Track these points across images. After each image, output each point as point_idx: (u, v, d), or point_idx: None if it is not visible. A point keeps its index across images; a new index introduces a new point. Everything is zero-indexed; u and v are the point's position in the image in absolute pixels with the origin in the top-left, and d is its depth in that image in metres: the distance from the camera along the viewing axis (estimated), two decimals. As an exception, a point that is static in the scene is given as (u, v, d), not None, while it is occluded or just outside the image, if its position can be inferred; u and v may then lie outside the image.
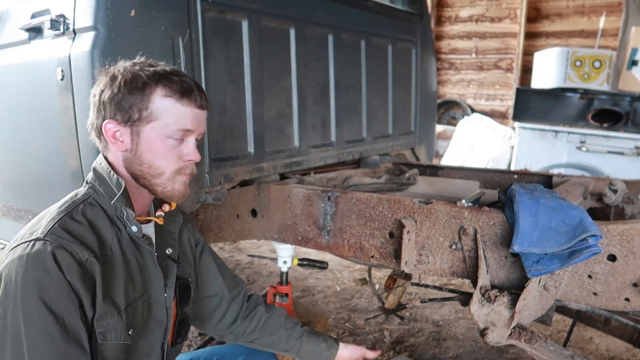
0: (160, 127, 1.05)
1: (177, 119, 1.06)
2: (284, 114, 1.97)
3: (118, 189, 1.06)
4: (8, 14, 1.70)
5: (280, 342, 1.46)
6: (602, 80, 4.21)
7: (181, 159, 1.09)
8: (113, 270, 1.04)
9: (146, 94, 1.04)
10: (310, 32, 2.03)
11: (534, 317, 1.34)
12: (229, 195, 1.81)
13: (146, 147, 1.06)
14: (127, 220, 1.07)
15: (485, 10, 6.89)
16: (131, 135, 1.06)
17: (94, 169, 1.11)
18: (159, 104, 1.04)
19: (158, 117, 1.05)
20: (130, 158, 1.08)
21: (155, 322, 1.15)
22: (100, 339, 1.00)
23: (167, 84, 1.05)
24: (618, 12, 5.69)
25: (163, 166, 1.08)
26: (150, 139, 1.06)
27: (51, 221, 0.99)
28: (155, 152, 1.06)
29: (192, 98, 1.07)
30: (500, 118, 6.66)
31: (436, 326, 2.76)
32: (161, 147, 1.07)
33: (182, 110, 1.06)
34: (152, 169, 1.07)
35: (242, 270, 3.61)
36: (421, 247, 1.46)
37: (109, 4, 1.37)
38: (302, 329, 1.50)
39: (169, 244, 1.22)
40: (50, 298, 0.92)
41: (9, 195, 1.82)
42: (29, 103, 1.61)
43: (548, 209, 1.24)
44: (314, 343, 1.48)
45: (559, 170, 4.06)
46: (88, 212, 1.04)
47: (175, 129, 1.06)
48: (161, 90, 1.04)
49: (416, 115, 2.85)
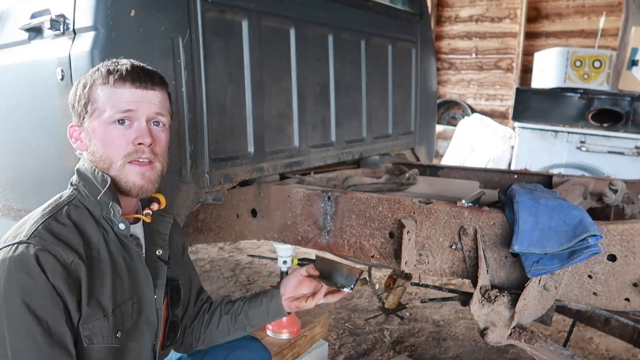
0: (101, 114, 1.05)
1: (114, 103, 1.04)
2: (284, 114, 1.97)
3: (103, 186, 1.04)
4: (8, 14, 1.70)
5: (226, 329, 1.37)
6: (602, 80, 4.21)
7: (130, 144, 1.06)
8: (100, 272, 1.02)
9: (89, 87, 1.06)
10: (310, 32, 2.03)
11: (534, 317, 1.34)
12: (229, 195, 1.81)
13: (94, 138, 1.06)
14: (114, 217, 1.05)
15: (485, 10, 6.89)
16: (85, 133, 1.07)
17: (77, 170, 1.09)
18: (98, 93, 1.05)
19: (99, 107, 1.05)
20: (89, 155, 1.08)
21: (146, 324, 1.13)
22: (86, 343, 0.98)
23: (104, 74, 1.05)
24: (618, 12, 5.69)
25: (110, 154, 1.05)
26: (96, 129, 1.05)
27: (35, 224, 0.97)
28: (101, 140, 1.05)
29: (127, 79, 1.05)
30: (500, 118, 6.66)
31: (436, 326, 2.76)
32: (104, 134, 1.05)
33: (119, 92, 1.05)
34: (102, 160, 1.06)
35: (242, 270, 3.61)
36: (421, 247, 1.46)
37: (109, 4, 1.37)
38: (242, 301, 1.39)
39: (159, 244, 1.20)
40: (33, 302, 0.90)
41: (9, 195, 1.82)
42: (29, 103, 1.61)
43: (548, 209, 1.24)
44: (257, 306, 1.37)
45: (559, 170, 4.06)
46: (73, 214, 1.03)
47: (112, 112, 1.04)
48: (99, 81, 1.05)
49: (416, 115, 2.85)
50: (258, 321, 1.38)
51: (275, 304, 1.37)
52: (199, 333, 1.37)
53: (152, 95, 1.08)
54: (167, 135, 1.13)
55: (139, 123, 1.06)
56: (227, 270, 3.62)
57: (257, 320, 1.38)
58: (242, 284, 3.35)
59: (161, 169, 1.12)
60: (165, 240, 1.23)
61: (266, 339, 2.03)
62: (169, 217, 1.27)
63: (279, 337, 2.05)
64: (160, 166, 1.11)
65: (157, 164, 1.10)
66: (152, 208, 1.19)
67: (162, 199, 1.21)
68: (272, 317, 1.39)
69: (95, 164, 1.06)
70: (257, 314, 1.37)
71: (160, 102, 1.10)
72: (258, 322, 1.38)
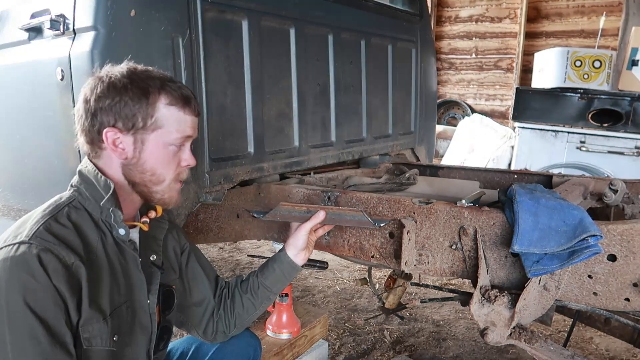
0: (164, 134, 1.07)
1: (179, 126, 1.08)
2: (284, 114, 1.97)
3: (106, 191, 1.05)
4: (8, 14, 1.70)
5: (252, 304, 1.40)
6: (602, 80, 4.21)
7: (179, 165, 1.12)
8: (99, 275, 1.02)
9: (150, 102, 1.05)
10: (310, 32, 2.03)
11: (534, 317, 1.34)
12: (229, 195, 1.81)
13: (149, 154, 1.07)
14: (115, 222, 1.05)
15: (485, 10, 6.89)
16: (134, 143, 1.06)
17: (79, 172, 1.09)
18: (163, 112, 1.06)
19: (162, 125, 1.06)
20: (131, 166, 1.08)
21: (140, 328, 1.13)
22: (86, 345, 0.98)
23: (169, 92, 1.07)
24: (618, 12, 5.69)
25: (165, 173, 1.10)
26: (154, 146, 1.07)
27: (36, 224, 0.97)
28: (158, 159, 1.08)
29: (192, 106, 1.10)
30: (500, 118, 6.66)
31: (436, 326, 2.76)
32: (164, 154, 1.09)
33: (184, 117, 1.09)
34: (155, 176, 1.09)
35: (242, 270, 3.61)
36: (421, 247, 1.46)
37: (109, 4, 1.37)
38: (253, 277, 1.42)
39: (154, 250, 1.21)
40: (35, 301, 0.90)
41: (9, 195, 1.82)
42: (29, 103, 1.61)
43: (548, 209, 1.24)
44: (271, 274, 1.40)
45: (559, 170, 4.05)
46: (73, 215, 1.03)
47: (178, 136, 1.09)
48: (165, 99, 1.06)
49: (416, 115, 2.85)
50: (278, 286, 1.42)
51: (287, 265, 1.41)
52: (228, 319, 1.40)
53: (197, 122, 1.16)
54: None
55: (187, 146, 1.13)
56: (227, 270, 3.63)
57: (277, 286, 1.42)
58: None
59: None
60: (159, 245, 1.24)
61: (266, 339, 2.03)
62: (164, 223, 1.28)
63: (279, 337, 2.05)
64: None
65: None
66: (149, 216, 1.20)
67: (158, 207, 1.22)
68: (290, 277, 1.43)
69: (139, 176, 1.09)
70: (274, 280, 1.41)
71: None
72: (278, 287, 1.43)
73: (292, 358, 2.08)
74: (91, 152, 1.10)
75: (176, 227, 1.37)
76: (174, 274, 1.32)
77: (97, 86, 1.05)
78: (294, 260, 1.40)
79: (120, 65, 1.09)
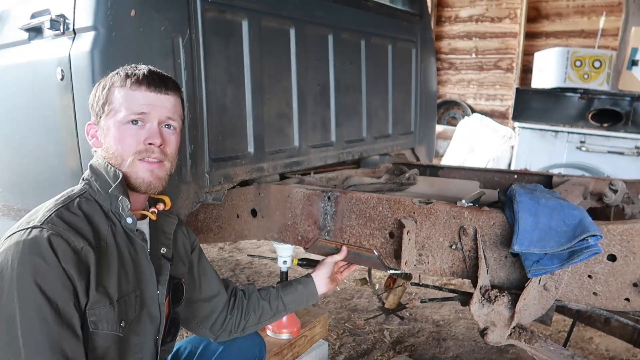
0: (117, 115, 1.11)
1: (130, 104, 1.11)
2: (284, 114, 1.97)
3: (115, 180, 1.09)
4: (8, 14, 1.70)
5: (266, 313, 1.51)
6: (602, 80, 4.21)
7: (141, 143, 1.12)
8: (107, 261, 1.06)
9: (109, 89, 1.12)
10: (310, 32, 2.03)
11: (534, 317, 1.34)
12: (229, 195, 1.81)
13: (109, 136, 1.12)
14: (123, 211, 1.10)
15: (485, 10, 6.89)
16: (101, 130, 1.14)
17: (90, 165, 1.15)
18: (115, 95, 1.11)
19: (116, 108, 1.11)
20: (104, 153, 1.13)
21: (149, 318, 1.16)
22: (92, 328, 1.01)
23: (122, 77, 1.12)
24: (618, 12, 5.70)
25: (122, 151, 1.11)
26: (111, 127, 1.12)
27: (48, 212, 1.02)
28: (114, 138, 1.11)
29: (143, 82, 1.12)
30: (500, 118, 6.66)
31: (436, 326, 2.76)
32: (119, 132, 1.11)
33: (134, 95, 1.11)
34: (115, 155, 1.12)
35: (242, 270, 3.61)
36: (421, 247, 1.46)
37: (109, 4, 1.37)
38: (275, 288, 1.55)
39: (164, 243, 1.25)
40: (45, 283, 0.94)
41: (9, 195, 1.82)
42: (29, 103, 1.61)
43: (548, 209, 1.24)
44: (292, 292, 1.55)
45: (559, 170, 4.06)
46: (84, 205, 1.08)
47: (128, 113, 1.11)
48: (117, 83, 1.12)
49: (416, 115, 2.85)
50: (293, 305, 1.55)
51: (310, 289, 1.57)
52: (239, 319, 1.47)
53: (165, 100, 1.15)
54: (178, 138, 1.20)
55: (150, 124, 1.13)
56: (227, 270, 3.63)
57: (292, 305, 1.55)
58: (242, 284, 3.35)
59: (170, 168, 1.19)
60: (169, 239, 1.27)
61: (266, 339, 2.03)
62: (174, 218, 1.32)
63: (279, 337, 2.05)
64: (170, 165, 1.18)
65: (167, 163, 1.17)
66: (157, 207, 1.24)
67: (167, 200, 1.26)
68: (307, 301, 1.58)
69: (108, 160, 1.12)
70: (293, 299, 1.54)
71: (172, 107, 1.16)
72: (293, 306, 1.56)
73: (292, 358, 2.08)
74: (92, 148, 1.19)
75: (184, 224, 1.42)
76: (183, 268, 1.35)
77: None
78: (318, 285, 1.58)
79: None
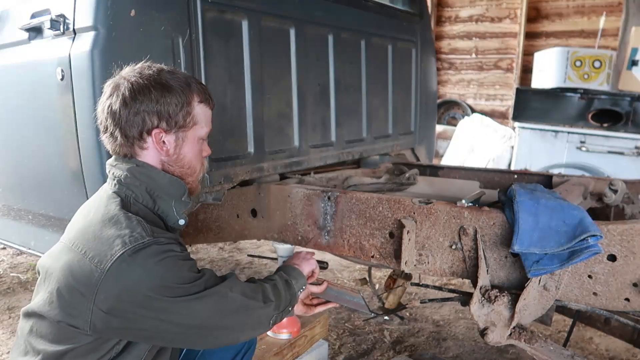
0: (198, 130, 1.17)
1: (207, 121, 1.19)
2: (284, 114, 1.97)
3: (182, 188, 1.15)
4: (8, 14, 1.70)
5: None
6: (602, 80, 4.21)
7: (201, 156, 1.21)
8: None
9: (188, 101, 1.13)
10: (310, 32, 2.03)
11: (534, 317, 1.34)
12: (229, 195, 1.81)
13: (187, 149, 1.16)
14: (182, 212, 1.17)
15: (485, 10, 6.88)
16: (175, 141, 1.14)
17: (130, 170, 1.11)
18: (197, 109, 1.15)
19: (197, 122, 1.16)
20: (171, 161, 1.15)
21: None
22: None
23: (199, 91, 1.16)
24: (618, 12, 5.69)
25: (196, 165, 1.20)
26: (191, 142, 1.16)
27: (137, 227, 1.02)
28: (193, 153, 1.17)
29: (210, 101, 1.20)
30: (500, 118, 6.66)
31: (436, 326, 2.76)
32: (197, 148, 1.19)
33: (209, 113, 1.20)
34: (191, 169, 1.18)
35: (242, 270, 3.61)
36: (421, 247, 1.46)
37: (109, 4, 1.37)
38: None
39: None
40: (194, 269, 1.04)
41: (9, 195, 1.82)
42: (29, 103, 1.61)
43: (548, 209, 1.24)
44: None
45: (559, 170, 4.05)
46: (142, 214, 1.09)
47: (207, 130, 1.20)
48: (197, 97, 1.15)
49: (416, 115, 2.85)
50: None
51: None
52: None
53: None
54: None
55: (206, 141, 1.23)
56: (227, 270, 3.63)
57: None
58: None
59: None
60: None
61: (266, 339, 2.03)
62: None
63: (278, 337, 2.05)
64: None
65: None
66: None
67: None
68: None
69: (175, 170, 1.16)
70: None
71: None
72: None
73: (292, 358, 2.08)
74: (128, 152, 1.12)
75: None
76: None
77: (134, 88, 1.08)
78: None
79: (143, 66, 1.13)
